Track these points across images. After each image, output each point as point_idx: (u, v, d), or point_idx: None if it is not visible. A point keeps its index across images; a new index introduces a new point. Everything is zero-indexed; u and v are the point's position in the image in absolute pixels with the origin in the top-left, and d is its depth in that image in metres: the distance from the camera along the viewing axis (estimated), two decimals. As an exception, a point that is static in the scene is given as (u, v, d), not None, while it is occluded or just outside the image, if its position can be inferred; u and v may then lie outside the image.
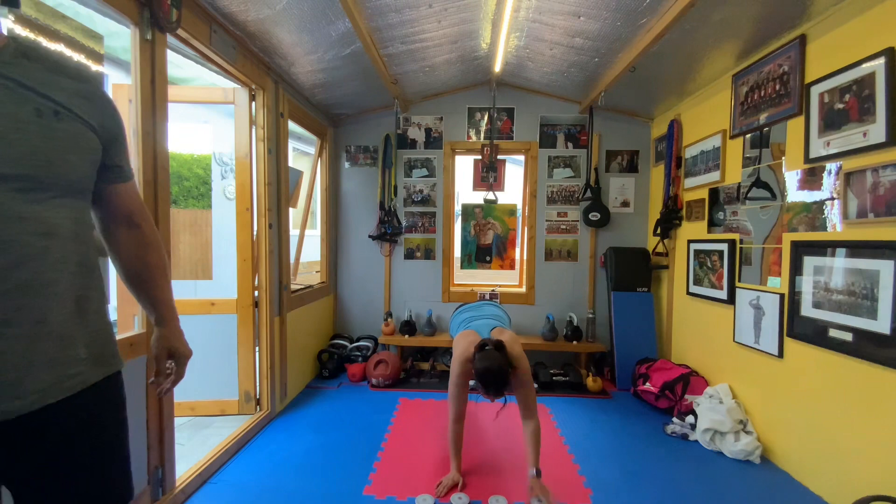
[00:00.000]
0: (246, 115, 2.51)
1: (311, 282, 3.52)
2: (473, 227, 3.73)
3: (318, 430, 2.46)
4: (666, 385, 2.70)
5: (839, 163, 1.79)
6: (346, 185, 3.76)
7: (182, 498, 1.78)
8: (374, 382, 3.14)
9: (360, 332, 3.75)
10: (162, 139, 1.67)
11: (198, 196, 5.48)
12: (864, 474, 1.67)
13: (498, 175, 3.70)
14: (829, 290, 1.82)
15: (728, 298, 2.49)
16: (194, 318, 2.55)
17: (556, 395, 3.03)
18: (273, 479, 1.96)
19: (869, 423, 1.66)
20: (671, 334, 3.19)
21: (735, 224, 2.47)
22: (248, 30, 2.12)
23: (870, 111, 1.65)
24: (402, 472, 2.03)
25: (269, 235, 2.53)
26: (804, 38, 1.98)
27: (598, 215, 3.47)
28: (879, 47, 1.62)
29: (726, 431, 2.23)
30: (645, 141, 3.54)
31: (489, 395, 1.80)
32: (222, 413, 2.62)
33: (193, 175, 5.48)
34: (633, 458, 2.20)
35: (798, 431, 2.00)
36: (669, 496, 1.88)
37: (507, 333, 2.04)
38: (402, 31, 2.45)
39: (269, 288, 2.55)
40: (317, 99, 3.16)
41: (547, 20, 2.41)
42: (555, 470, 2.05)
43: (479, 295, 3.63)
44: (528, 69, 3.16)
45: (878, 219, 1.62)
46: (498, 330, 2.09)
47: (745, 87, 2.36)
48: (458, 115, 3.64)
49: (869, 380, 1.66)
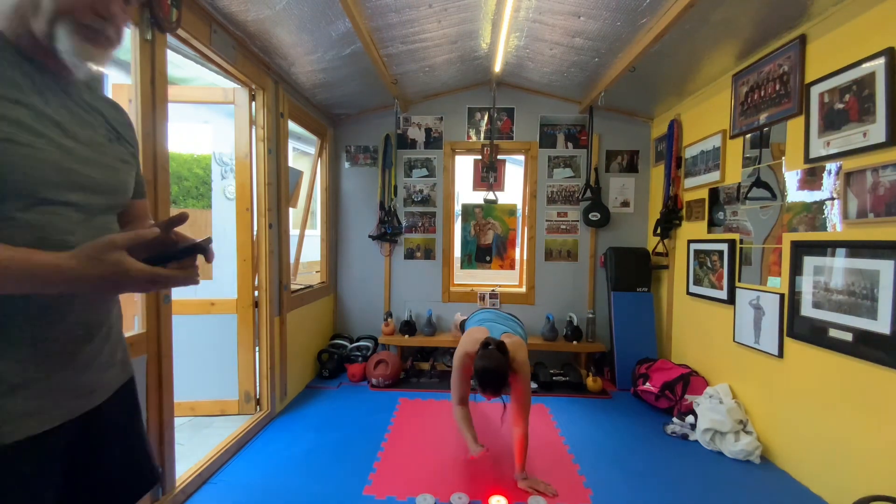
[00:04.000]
0: (246, 115, 2.51)
1: (311, 282, 3.52)
2: (473, 227, 3.73)
3: (318, 430, 2.46)
4: (666, 385, 2.70)
5: (839, 163, 1.79)
6: (346, 185, 3.76)
7: (182, 498, 1.78)
8: (374, 382, 3.14)
9: (360, 332, 3.75)
10: (162, 139, 1.67)
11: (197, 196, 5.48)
12: (864, 474, 1.67)
13: (498, 175, 3.70)
14: (829, 290, 1.82)
15: (728, 298, 2.49)
16: (194, 318, 2.55)
17: (556, 395, 3.03)
18: (273, 479, 1.96)
19: (869, 423, 1.66)
20: (671, 334, 3.19)
21: (735, 224, 2.47)
22: (248, 30, 2.12)
23: (870, 111, 1.65)
24: (402, 472, 2.03)
25: (269, 235, 2.53)
26: (804, 38, 1.98)
27: (598, 215, 3.47)
28: (879, 47, 1.62)
29: (726, 431, 2.23)
30: (645, 141, 3.54)
31: (485, 394, 1.84)
32: (222, 413, 2.62)
33: (193, 175, 5.48)
34: (633, 458, 2.20)
35: (798, 431, 2.00)
36: (669, 496, 1.88)
37: (514, 338, 2.06)
38: (402, 31, 2.45)
39: (269, 288, 2.55)
40: (317, 99, 3.16)
41: (547, 20, 2.41)
42: (555, 470, 2.05)
43: (478, 295, 3.63)
44: (528, 69, 3.16)
45: (877, 219, 1.62)
46: (508, 335, 2.11)
47: (745, 87, 2.36)
48: (458, 115, 3.64)
49: (869, 380, 1.66)
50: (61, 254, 0.61)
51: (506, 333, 2.12)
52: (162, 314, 1.69)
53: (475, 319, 2.38)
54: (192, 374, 2.45)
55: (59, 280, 0.60)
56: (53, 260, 0.59)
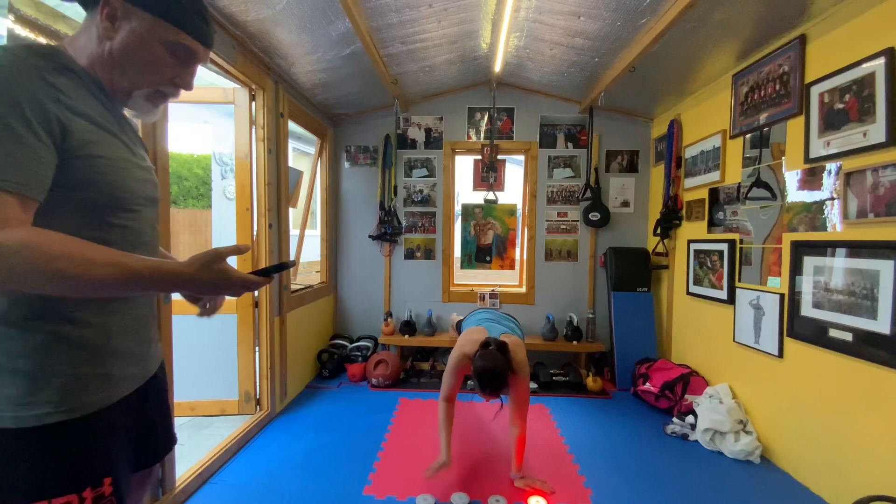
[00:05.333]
0: (246, 115, 2.51)
1: (311, 282, 3.52)
2: (473, 227, 3.73)
3: (318, 430, 2.46)
4: (666, 385, 2.70)
5: (839, 163, 1.79)
6: (346, 185, 3.76)
7: (182, 498, 1.78)
8: (374, 382, 3.14)
9: (360, 332, 3.75)
10: (162, 139, 1.67)
11: (197, 196, 5.48)
12: (864, 474, 1.67)
13: (498, 175, 3.70)
14: (829, 290, 1.82)
15: (728, 298, 2.49)
16: (194, 317, 2.54)
17: (556, 395, 3.03)
18: (273, 479, 1.96)
19: (869, 424, 1.66)
20: (671, 334, 3.19)
21: (735, 224, 2.47)
22: (248, 30, 2.12)
23: (870, 111, 1.65)
24: (402, 472, 2.03)
25: (269, 235, 2.53)
26: (804, 38, 1.98)
27: (598, 215, 3.47)
28: (879, 47, 1.62)
29: (726, 431, 2.23)
30: (645, 141, 3.54)
31: (484, 394, 1.82)
32: (222, 413, 2.62)
33: (193, 175, 5.48)
34: (633, 458, 2.20)
35: (798, 431, 2.00)
36: (669, 496, 1.88)
37: (513, 338, 2.05)
38: (402, 31, 2.45)
39: (269, 288, 2.55)
40: (317, 99, 3.16)
41: (547, 20, 2.41)
42: (555, 470, 2.05)
43: (478, 295, 3.63)
44: (528, 69, 3.16)
45: (878, 219, 1.62)
46: (507, 335, 2.09)
47: (745, 87, 2.36)
48: (458, 115, 3.64)
49: (869, 380, 1.66)
50: (179, 262, 0.76)
51: (505, 333, 2.11)
52: (162, 314, 1.69)
53: (473, 319, 2.37)
54: (192, 374, 2.45)
55: (180, 282, 0.75)
56: (178, 268, 0.74)
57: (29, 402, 0.71)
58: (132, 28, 0.77)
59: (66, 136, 0.69)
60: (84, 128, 0.72)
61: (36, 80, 0.67)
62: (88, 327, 0.77)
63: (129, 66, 0.79)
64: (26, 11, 1.27)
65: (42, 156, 0.66)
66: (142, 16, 0.77)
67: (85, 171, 0.72)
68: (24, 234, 0.63)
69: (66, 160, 0.70)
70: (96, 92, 0.78)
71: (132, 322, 0.87)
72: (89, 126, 0.73)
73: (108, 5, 0.76)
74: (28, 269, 0.62)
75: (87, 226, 0.74)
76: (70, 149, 0.70)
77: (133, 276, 0.70)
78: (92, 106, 0.75)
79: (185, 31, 0.81)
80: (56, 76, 0.70)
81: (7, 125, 0.63)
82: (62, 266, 0.64)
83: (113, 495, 0.79)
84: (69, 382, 0.74)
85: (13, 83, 0.65)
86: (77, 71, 0.76)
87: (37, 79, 0.67)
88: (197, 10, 0.83)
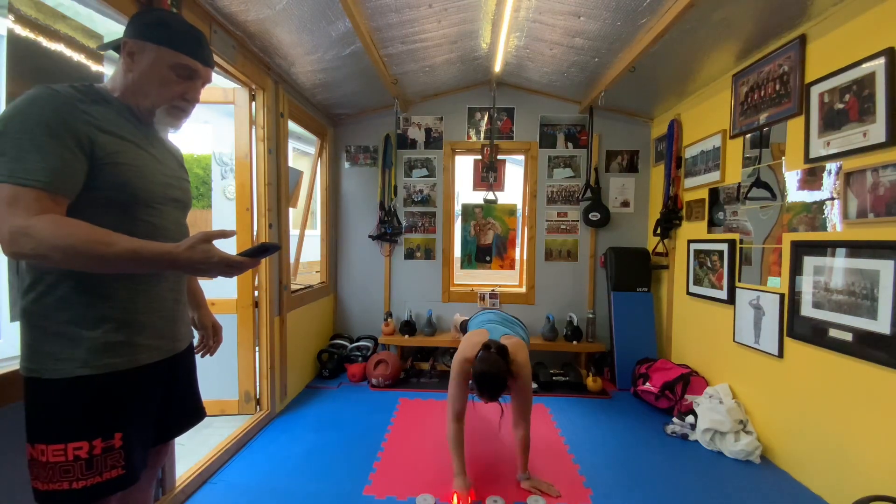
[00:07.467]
0: (246, 115, 2.51)
1: (311, 282, 3.52)
2: (473, 227, 3.73)
3: (318, 430, 2.46)
4: (666, 385, 2.70)
5: (839, 163, 1.79)
6: (346, 185, 3.76)
7: (182, 498, 1.78)
8: (374, 382, 3.14)
9: (360, 332, 3.75)
10: (162, 139, 1.67)
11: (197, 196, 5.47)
12: (864, 474, 1.67)
13: (498, 175, 3.70)
14: (829, 290, 1.82)
15: (728, 298, 2.49)
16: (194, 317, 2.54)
17: (556, 395, 3.03)
18: (273, 479, 1.96)
19: (869, 424, 1.66)
20: (671, 334, 3.19)
21: (735, 224, 2.47)
22: (248, 30, 2.12)
23: (870, 111, 1.65)
24: (402, 472, 2.03)
25: (269, 235, 2.53)
26: (804, 38, 1.98)
27: (598, 215, 3.47)
28: (879, 47, 1.62)
29: (726, 431, 2.23)
30: (645, 141, 3.54)
31: (482, 398, 1.80)
32: (222, 413, 2.61)
33: (193, 175, 5.47)
34: (633, 457, 2.20)
35: (798, 431, 2.00)
36: (669, 496, 1.88)
37: (514, 339, 2.01)
38: (402, 31, 2.45)
39: (269, 288, 2.55)
40: (317, 99, 3.16)
41: (547, 20, 2.41)
42: (555, 470, 2.05)
43: (478, 295, 3.63)
44: (528, 69, 3.16)
45: (877, 219, 1.62)
46: (508, 337, 2.06)
47: (745, 87, 2.36)
48: (458, 115, 3.64)
49: (869, 380, 1.66)
50: (172, 244, 0.88)
51: (506, 335, 2.08)
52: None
53: (476, 321, 2.34)
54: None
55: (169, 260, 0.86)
56: (168, 247, 0.86)
57: (63, 358, 0.89)
58: (145, 58, 0.98)
59: (94, 148, 0.89)
60: (109, 141, 0.92)
61: (71, 108, 0.88)
62: (117, 302, 0.95)
63: (146, 88, 0.99)
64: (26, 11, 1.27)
65: (71, 162, 0.86)
66: (150, 47, 0.98)
67: (111, 175, 0.91)
68: (49, 218, 0.81)
69: (95, 166, 0.89)
70: (127, 115, 0.99)
71: (155, 301, 1.03)
72: (114, 140, 0.93)
73: (127, 45, 0.98)
74: (49, 244, 0.79)
75: (115, 220, 0.92)
76: (98, 157, 0.89)
77: (127, 252, 0.83)
78: (119, 125, 0.96)
79: (184, 53, 1.00)
80: (89, 105, 0.91)
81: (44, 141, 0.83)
82: (72, 242, 0.80)
83: (122, 449, 0.94)
84: (96, 346, 0.92)
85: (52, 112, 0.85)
86: (110, 100, 0.97)
87: (72, 108, 0.88)
88: (193, 36, 1.03)
